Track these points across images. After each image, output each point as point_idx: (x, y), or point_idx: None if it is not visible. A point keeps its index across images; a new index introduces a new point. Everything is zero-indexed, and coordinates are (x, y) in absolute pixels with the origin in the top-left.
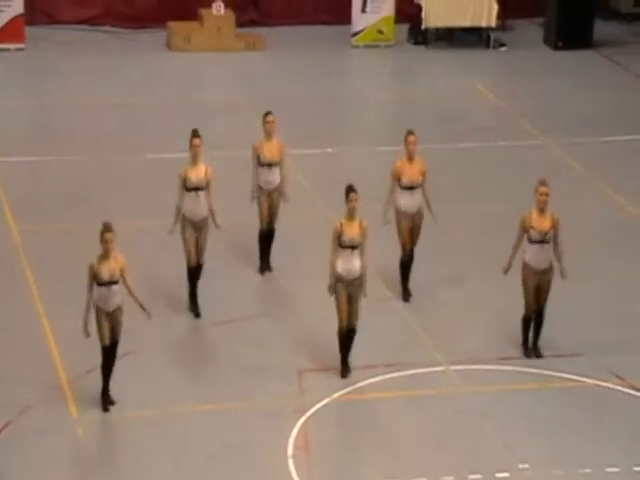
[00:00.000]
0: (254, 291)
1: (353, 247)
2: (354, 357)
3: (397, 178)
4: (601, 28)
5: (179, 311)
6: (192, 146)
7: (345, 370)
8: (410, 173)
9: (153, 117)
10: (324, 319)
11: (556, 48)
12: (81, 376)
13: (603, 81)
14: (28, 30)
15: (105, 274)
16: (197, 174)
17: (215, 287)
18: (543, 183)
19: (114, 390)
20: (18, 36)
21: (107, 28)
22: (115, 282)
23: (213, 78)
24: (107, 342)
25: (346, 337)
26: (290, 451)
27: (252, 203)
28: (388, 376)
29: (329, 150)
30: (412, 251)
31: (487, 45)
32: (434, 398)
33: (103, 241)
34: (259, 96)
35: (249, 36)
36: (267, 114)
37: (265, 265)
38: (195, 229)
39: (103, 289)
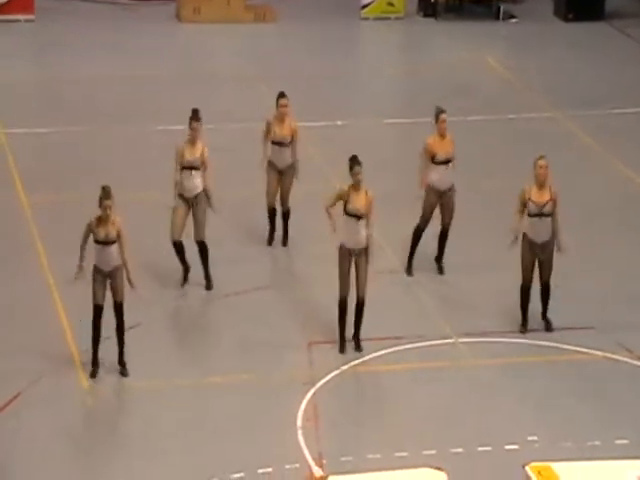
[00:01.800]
0: (264, 264)
1: (359, 217)
2: (362, 330)
3: (431, 154)
4: (613, 0)
5: (190, 282)
6: (191, 129)
7: (343, 346)
8: (444, 148)
9: (163, 89)
10: (333, 292)
11: (567, 20)
12: (91, 348)
13: (614, 54)
14: (38, 1)
15: (101, 233)
16: (193, 153)
17: (225, 261)
18: (541, 157)
19: (125, 362)
20: (28, 7)
21: (116, 0)
22: (111, 242)
23: (223, 50)
24: (99, 301)
25: (356, 310)
26: (299, 423)
27: (263, 173)
28: (397, 348)
29: (338, 123)
30: (447, 228)
31: (497, 17)
32: (443, 371)
33: (102, 207)
34: (268, 68)
35: (259, 8)
36: (280, 97)
37: (271, 239)
38: (188, 205)
39: (99, 247)
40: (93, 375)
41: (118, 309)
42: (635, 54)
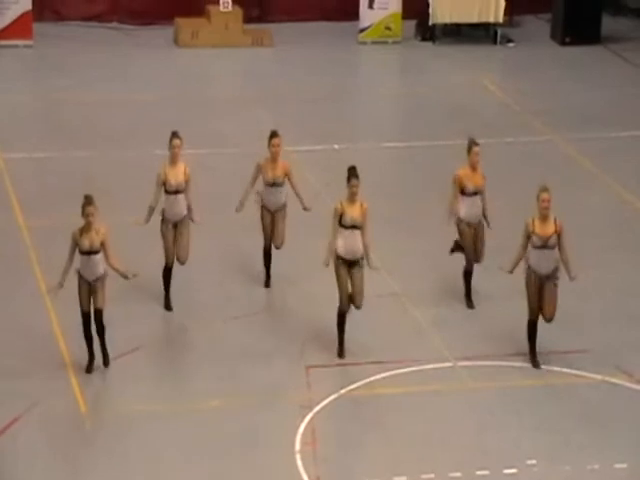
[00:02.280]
0: (261, 287)
1: (354, 227)
2: (361, 353)
3: (460, 186)
4: (609, 23)
5: (186, 306)
6: (172, 147)
7: (342, 350)
8: (474, 180)
9: (161, 113)
10: (332, 315)
11: (563, 44)
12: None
13: (611, 76)
14: (36, 27)
15: (86, 243)
16: (176, 177)
17: (223, 285)
18: (544, 189)
19: (122, 385)
20: (26, 33)
21: (114, 24)
22: (95, 252)
23: (220, 74)
24: (85, 308)
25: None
26: (297, 447)
27: (237, 213)
28: (395, 372)
29: (335, 146)
30: (477, 262)
31: (494, 41)
32: (442, 394)
33: (84, 214)
34: (267, 92)
35: (256, 32)
36: (272, 136)
37: (269, 279)
38: (175, 228)
39: (84, 257)
40: (89, 370)
41: (98, 316)
42: (632, 77)
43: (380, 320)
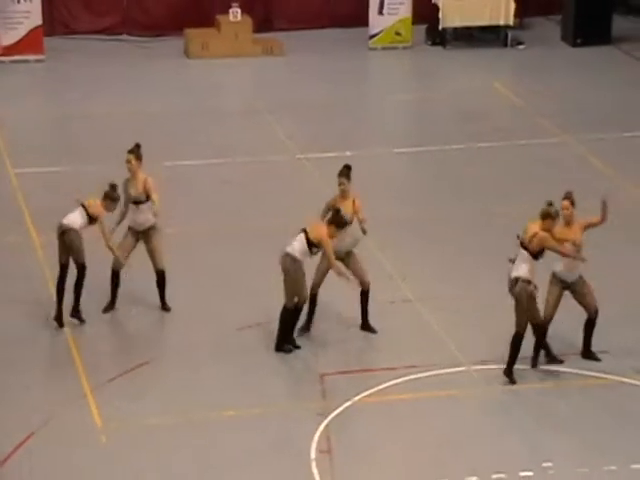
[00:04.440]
0: (273, 295)
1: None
2: (375, 360)
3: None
4: (620, 24)
5: (198, 317)
6: (126, 162)
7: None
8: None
9: (172, 125)
10: (345, 322)
11: (574, 45)
12: (103, 385)
13: (623, 77)
14: (47, 41)
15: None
16: (136, 188)
17: (236, 293)
18: (566, 197)
19: (137, 398)
20: (37, 47)
21: (124, 37)
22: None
23: (231, 84)
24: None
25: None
26: (313, 455)
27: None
28: (410, 377)
29: (347, 153)
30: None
31: (505, 44)
32: (457, 399)
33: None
34: (278, 101)
35: (267, 41)
36: (340, 175)
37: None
38: (136, 238)
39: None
40: (58, 319)
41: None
42: None
43: (393, 326)
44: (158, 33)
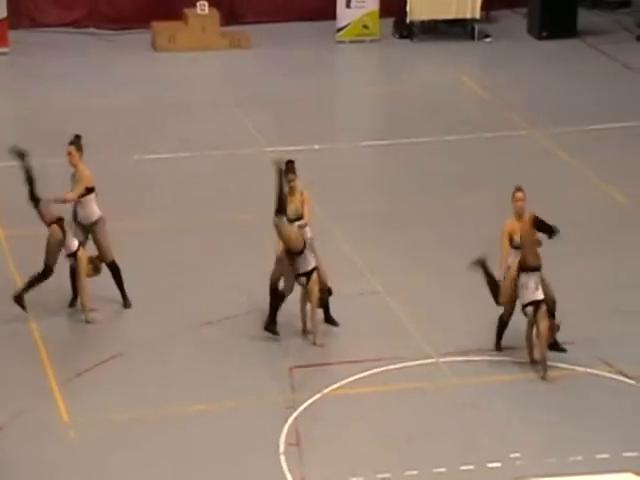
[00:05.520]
0: (241, 289)
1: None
2: (344, 352)
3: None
4: (585, 17)
5: (166, 311)
6: (67, 153)
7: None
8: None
9: (139, 118)
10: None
11: (540, 38)
12: (71, 380)
13: (588, 70)
14: (12, 34)
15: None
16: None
17: (204, 287)
18: (518, 189)
19: (104, 392)
20: (2, 40)
21: (91, 30)
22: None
23: (199, 77)
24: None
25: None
26: (282, 448)
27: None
28: (379, 370)
29: (316, 147)
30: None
31: (472, 37)
32: (425, 391)
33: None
34: (246, 94)
35: (234, 34)
36: (290, 168)
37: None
38: (86, 232)
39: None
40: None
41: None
42: (608, 70)
43: (362, 318)
44: (125, 26)
